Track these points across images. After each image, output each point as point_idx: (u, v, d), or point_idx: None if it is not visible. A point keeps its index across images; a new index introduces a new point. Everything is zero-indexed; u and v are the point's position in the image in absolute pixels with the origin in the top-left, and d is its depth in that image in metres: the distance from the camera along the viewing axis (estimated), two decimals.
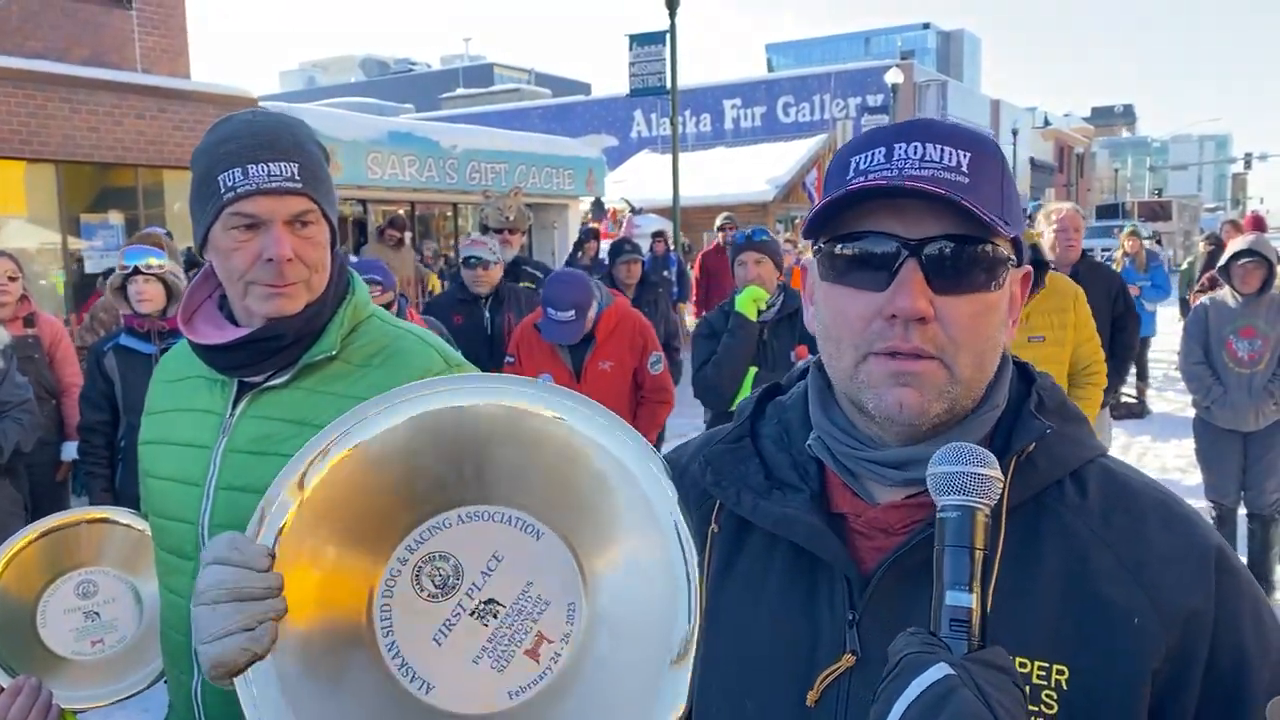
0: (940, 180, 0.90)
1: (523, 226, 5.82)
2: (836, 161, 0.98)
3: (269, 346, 1.52)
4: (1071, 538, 0.92)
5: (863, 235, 0.93)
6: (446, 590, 1.06)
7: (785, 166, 23.98)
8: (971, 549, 0.80)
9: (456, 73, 74.14)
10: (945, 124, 0.95)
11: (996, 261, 0.92)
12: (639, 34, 17.67)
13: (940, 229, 0.90)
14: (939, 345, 0.91)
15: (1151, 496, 0.96)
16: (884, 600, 0.94)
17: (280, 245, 1.47)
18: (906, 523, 0.96)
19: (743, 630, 1.02)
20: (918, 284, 0.89)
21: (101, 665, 1.82)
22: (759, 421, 1.11)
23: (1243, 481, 5.13)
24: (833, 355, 0.97)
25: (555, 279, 4.31)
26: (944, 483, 0.83)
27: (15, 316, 4.72)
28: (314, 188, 1.51)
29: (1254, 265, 4.96)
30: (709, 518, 1.09)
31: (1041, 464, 0.95)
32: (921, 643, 0.79)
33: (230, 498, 1.51)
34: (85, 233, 11.14)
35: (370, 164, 13.99)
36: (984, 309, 0.93)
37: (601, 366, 4.28)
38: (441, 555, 1.07)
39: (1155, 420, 9.91)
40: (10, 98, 9.95)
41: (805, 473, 1.03)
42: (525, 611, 1.05)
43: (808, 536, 0.97)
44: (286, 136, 1.51)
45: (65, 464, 4.83)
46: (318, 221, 1.53)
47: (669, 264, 11.93)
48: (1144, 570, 0.90)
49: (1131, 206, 36.93)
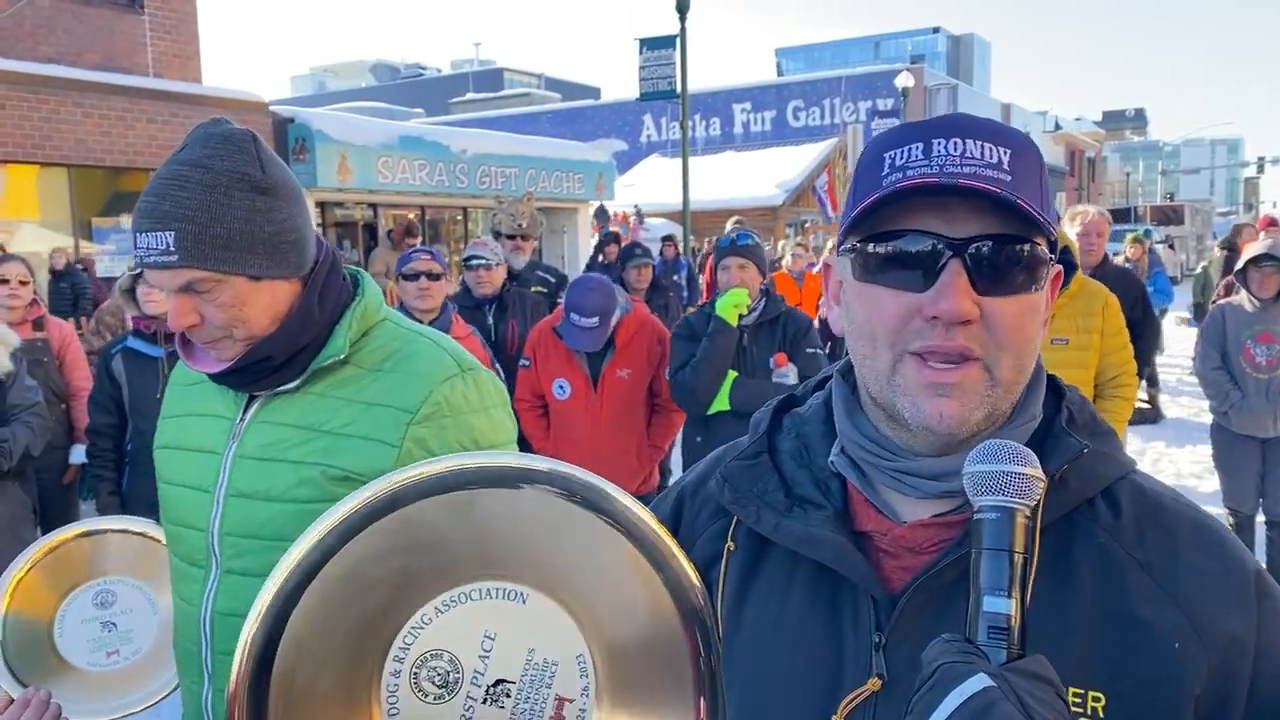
0: (983, 177, 0.86)
1: (535, 232, 5.78)
2: (869, 156, 0.94)
3: (264, 368, 1.49)
4: (1106, 558, 0.89)
5: (902, 234, 0.88)
6: (450, 687, 1.02)
7: (795, 170, 23.96)
8: (1011, 552, 0.76)
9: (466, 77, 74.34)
10: (981, 119, 0.91)
11: (1038, 261, 0.89)
12: (649, 38, 17.66)
13: (983, 228, 0.87)
14: (982, 346, 0.87)
15: (1186, 516, 0.92)
16: (912, 622, 0.89)
17: (172, 317, 1.44)
18: (934, 541, 0.92)
19: (761, 653, 0.98)
20: (962, 285, 0.86)
21: (118, 676, 1.80)
22: (776, 435, 1.07)
23: (1260, 488, 5.07)
24: (867, 355, 0.92)
25: (581, 284, 4.21)
26: (981, 482, 0.79)
27: (25, 320, 4.72)
28: (195, 255, 1.39)
29: (1272, 270, 4.91)
30: (724, 535, 1.05)
31: (1073, 482, 0.91)
32: (958, 651, 0.75)
33: (239, 505, 1.49)
34: (97, 236, 11.19)
35: (381, 168, 14.02)
36: (1026, 309, 0.89)
37: (619, 374, 4.21)
38: (433, 653, 1.02)
39: (1169, 426, 9.82)
40: (23, 102, 10.00)
41: (827, 489, 0.99)
42: (537, 680, 1.01)
43: (834, 556, 0.93)
44: (172, 195, 1.39)
45: (73, 467, 4.83)
46: (216, 284, 1.42)
47: (679, 268, 11.91)
48: (1182, 591, 0.87)
49: (1143, 210, 36.75)
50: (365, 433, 1.47)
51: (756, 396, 3.88)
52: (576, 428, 4.20)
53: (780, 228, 22.56)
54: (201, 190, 1.39)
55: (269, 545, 1.46)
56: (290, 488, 1.46)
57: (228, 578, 1.50)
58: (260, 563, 1.47)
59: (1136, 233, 11.95)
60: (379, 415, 1.48)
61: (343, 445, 1.47)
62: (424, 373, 1.51)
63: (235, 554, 1.49)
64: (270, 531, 1.47)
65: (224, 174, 1.41)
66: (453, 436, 1.49)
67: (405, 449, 1.46)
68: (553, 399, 4.24)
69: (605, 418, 4.19)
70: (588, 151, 18.83)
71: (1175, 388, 11.64)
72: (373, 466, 1.44)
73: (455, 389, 1.52)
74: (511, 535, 1.03)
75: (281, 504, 1.47)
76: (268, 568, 1.44)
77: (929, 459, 0.92)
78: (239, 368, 1.48)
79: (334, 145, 13.18)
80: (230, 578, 1.50)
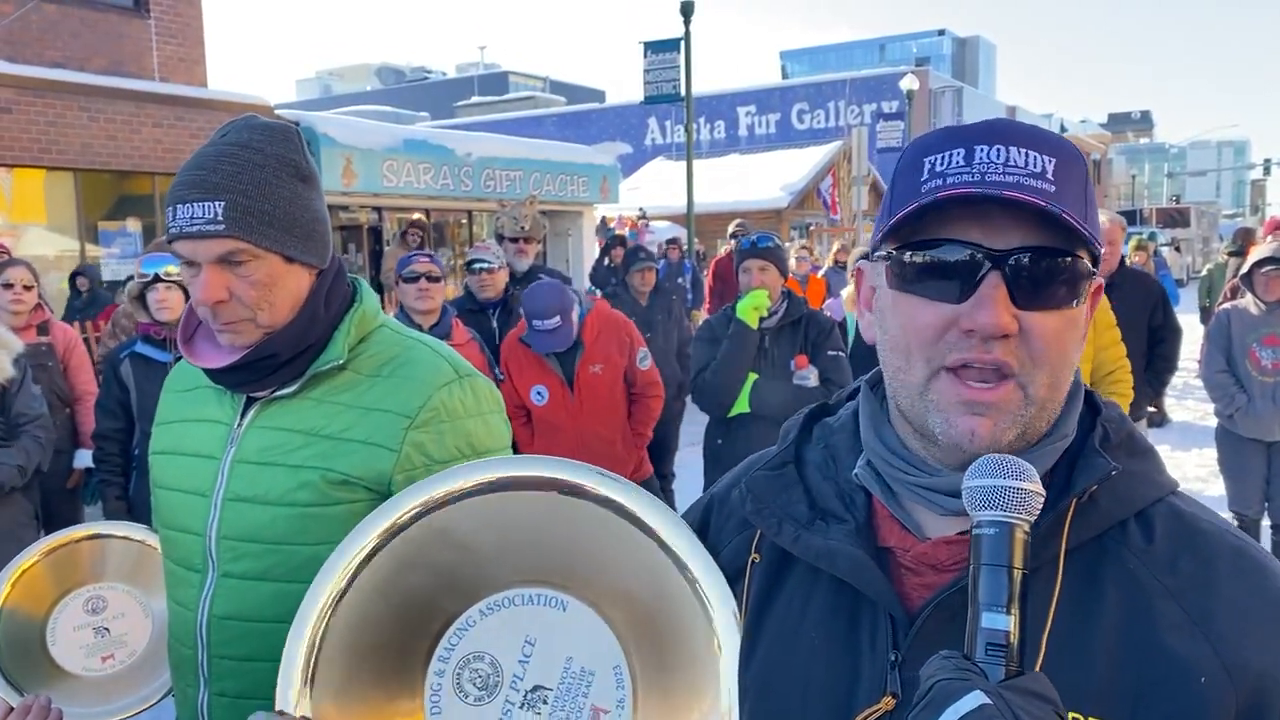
0: (1026, 188, 0.83)
1: (538, 235, 5.77)
2: (908, 160, 0.91)
3: (267, 365, 1.50)
4: (1134, 585, 0.86)
5: (940, 243, 0.86)
6: (490, 689, 1.04)
7: (800, 173, 23.94)
8: (1010, 568, 0.75)
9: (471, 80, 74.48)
10: (1027, 126, 0.88)
11: (1080, 275, 0.86)
12: (653, 41, 17.66)
13: (1024, 239, 0.84)
14: (1019, 361, 0.85)
15: (1224, 542, 0.88)
16: (929, 641, 0.87)
17: (204, 289, 1.44)
18: (956, 559, 0.90)
19: (779, 665, 0.97)
20: (1001, 298, 0.83)
21: (112, 681, 1.81)
22: (804, 445, 1.05)
23: (1266, 492, 5.05)
24: (900, 369, 0.90)
25: (531, 292, 4.27)
26: (980, 497, 0.78)
27: (29, 324, 4.73)
28: (243, 226, 1.42)
29: (1277, 273, 4.90)
30: (749, 546, 1.03)
31: (1104, 503, 0.88)
32: (955, 668, 0.73)
33: (238, 509, 1.50)
34: (103, 240, 11.22)
35: (385, 171, 14.04)
36: (1067, 325, 0.87)
37: (593, 370, 4.27)
38: (476, 655, 1.05)
39: (1175, 429, 9.80)
40: (30, 107, 10.03)
41: (851, 503, 0.97)
42: (573, 689, 1.02)
43: (851, 571, 0.92)
44: (224, 169, 1.43)
45: (77, 471, 4.83)
46: (254, 259, 1.45)
47: (683, 271, 11.90)
48: (1212, 623, 0.83)
49: (1149, 213, 36.68)
50: (364, 437, 1.48)
51: (777, 399, 3.91)
52: (560, 430, 4.25)
53: (785, 230, 22.54)
54: (253, 168, 1.44)
55: (269, 549, 1.47)
56: (289, 491, 1.47)
57: (225, 581, 1.50)
58: (260, 566, 1.48)
59: (1140, 237, 11.85)
60: (378, 420, 1.49)
61: (342, 449, 1.47)
62: (422, 378, 1.52)
63: (234, 557, 1.50)
64: (270, 535, 1.47)
65: (273, 157, 1.47)
66: (450, 441, 1.51)
67: (404, 453, 1.47)
68: (533, 406, 4.29)
69: (586, 415, 4.25)
70: (592, 155, 18.83)
71: (1181, 391, 11.60)
72: (372, 470, 1.46)
73: (453, 394, 1.53)
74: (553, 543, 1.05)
75: (281, 508, 1.47)
76: (266, 570, 1.47)
77: (949, 474, 0.90)
78: (242, 364, 1.48)
79: (339, 149, 13.20)
80: (228, 581, 1.50)
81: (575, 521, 1.05)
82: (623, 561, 1.04)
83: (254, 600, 1.47)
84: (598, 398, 4.27)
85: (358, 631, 1.08)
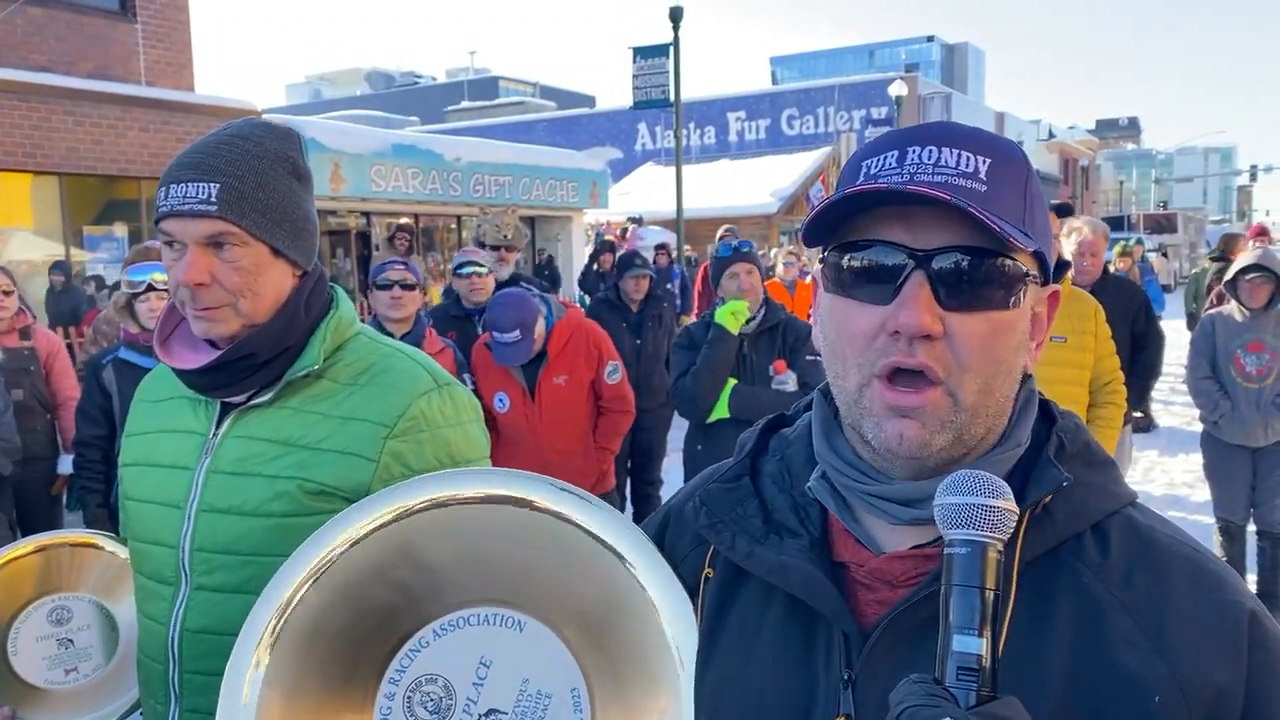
0: (953, 187, 0.82)
1: (520, 244, 5.76)
2: (849, 165, 0.91)
3: (244, 366, 1.47)
4: (1088, 599, 0.83)
5: (869, 245, 0.85)
6: (443, 713, 1.01)
7: (790, 179, 24.01)
8: (982, 589, 0.73)
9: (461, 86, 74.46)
10: (965, 128, 0.88)
11: (1014, 277, 0.84)
12: (642, 46, 17.69)
13: (951, 239, 0.83)
14: (945, 365, 0.83)
15: (1179, 553, 0.86)
16: (883, 659, 0.85)
17: (187, 270, 1.42)
18: (912, 575, 0.88)
19: (733, 684, 0.95)
20: (924, 298, 0.82)
21: (76, 695, 1.77)
22: (761, 457, 1.03)
23: (1252, 498, 5.06)
24: (838, 375, 0.89)
25: (496, 302, 4.23)
26: (952, 515, 0.75)
27: (11, 329, 4.69)
28: (235, 210, 1.42)
29: (1262, 280, 4.92)
30: (704, 562, 1.01)
31: (1059, 516, 0.86)
32: (925, 693, 0.71)
33: (211, 520, 1.48)
34: (89, 244, 11.17)
35: (374, 176, 14.01)
36: (998, 328, 0.85)
37: (555, 381, 4.24)
38: (429, 677, 1.02)
39: (1162, 434, 9.83)
40: (14, 110, 9.98)
41: (806, 516, 0.95)
42: (530, 713, 1.00)
43: (804, 587, 0.90)
44: (222, 154, 1.44)
45: (61, 478, 4.79)
46: (241, 244, 1.44)
47: (672, 277, 11.90)
48: (1166, 638, 0.81)
49: (1137, 219, 36.90)
50: (342, 447, 1.45)
51: (756, 404, 3.92)
52: (520, 438, 4.24)
53: (775, 236, 22.59)
54: (251, 159, 1.45)
55: (244, 560, 1.45)
56: (265, 502, 1.45)
57: (199, 594, 1.48)
58: (234, 578, 1.45)
59: (1125, 243, 11.85)
60: (356, 429, 1.46)
61: (319, 459, 1.45)
62: (400, 387, 1.50)
63: (207, 570, 1.47)
64: (245, 546, 1.45)
65: (272, 151, 1.48)
66: (430, 451, 1.48)
67: (383, 463, 1.44)
68: (496, 413, 4.28)
69: (546, 425, 4.23)
70: (582, 160, 18.84)
71: (1168, 397, 11.65)
72: (350, 481, 1.43)
73: (432, 403, 1.51)
74: (510, 559, 1.02)
75: (256, 518, 1.45)
76: (242, 583, 1.44)
77: (900, 483, 0.88)
78: (219, 365, 1.46)
79: (327, 154, 13.17)
80: (201, 594, 1.47)
81: (533, 536, 1.02)
82: (581, 578, 1.01)
83: (228, 613, 1.44)
84: (559, 409, 4.25)
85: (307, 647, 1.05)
